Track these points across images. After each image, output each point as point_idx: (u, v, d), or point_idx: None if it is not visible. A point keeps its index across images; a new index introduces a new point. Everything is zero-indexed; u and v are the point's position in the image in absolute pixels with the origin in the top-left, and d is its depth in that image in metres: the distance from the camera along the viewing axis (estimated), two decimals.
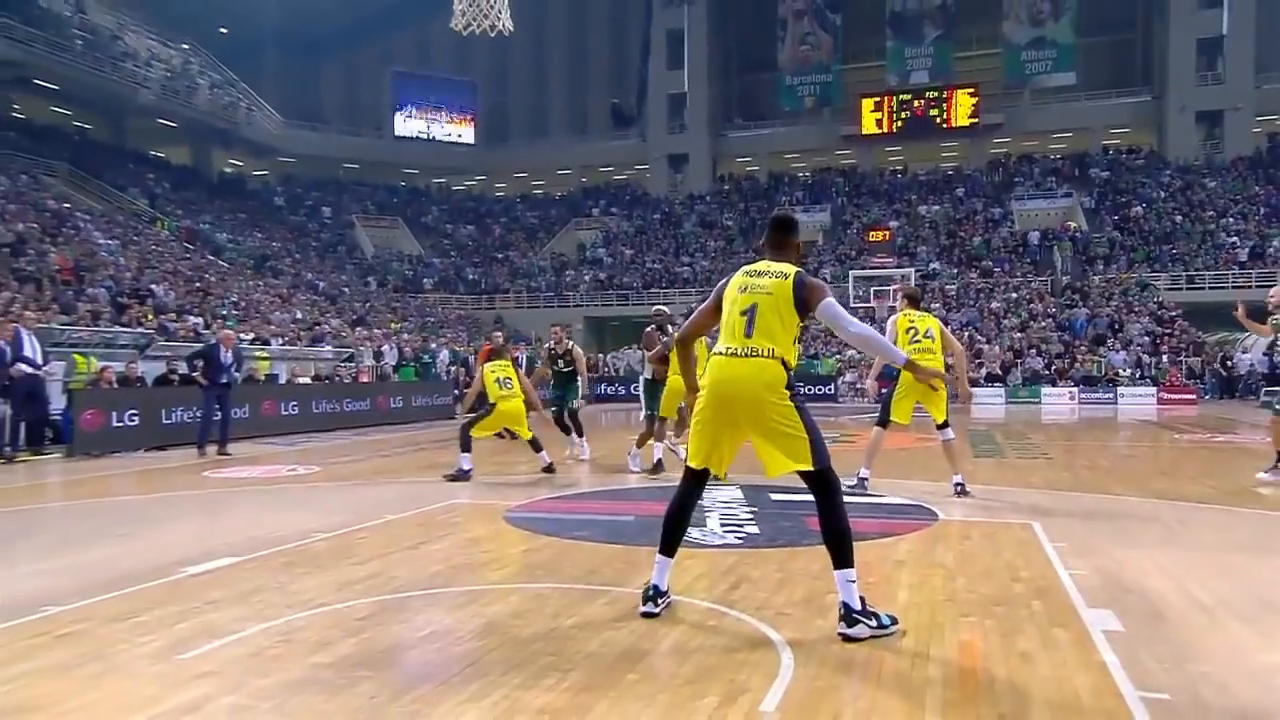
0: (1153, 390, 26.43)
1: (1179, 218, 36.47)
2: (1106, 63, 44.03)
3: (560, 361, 11.91)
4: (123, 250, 27.15)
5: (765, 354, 3.86)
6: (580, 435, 11.56)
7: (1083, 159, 42.33)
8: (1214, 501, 7.77)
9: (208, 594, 4.74)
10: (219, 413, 13.04)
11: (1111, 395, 26.44)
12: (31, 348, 12.39)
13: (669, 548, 4.18)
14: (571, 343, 12.23)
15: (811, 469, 3.86)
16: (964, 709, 3.07)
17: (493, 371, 9.93)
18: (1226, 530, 6.52)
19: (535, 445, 9.99)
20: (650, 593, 4.15)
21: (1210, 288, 32.29)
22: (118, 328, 20.39)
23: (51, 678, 3.47)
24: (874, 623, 3.77)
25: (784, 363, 3.89)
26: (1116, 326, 30.42)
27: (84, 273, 23.20)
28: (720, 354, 3.98)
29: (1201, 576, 4.94)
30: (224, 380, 13.01)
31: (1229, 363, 27.73)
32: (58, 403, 13.76)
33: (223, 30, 44.82)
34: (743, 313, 3.95)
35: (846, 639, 3.73)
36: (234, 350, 13.46)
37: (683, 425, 8.81)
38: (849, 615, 3.76)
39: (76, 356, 15.43)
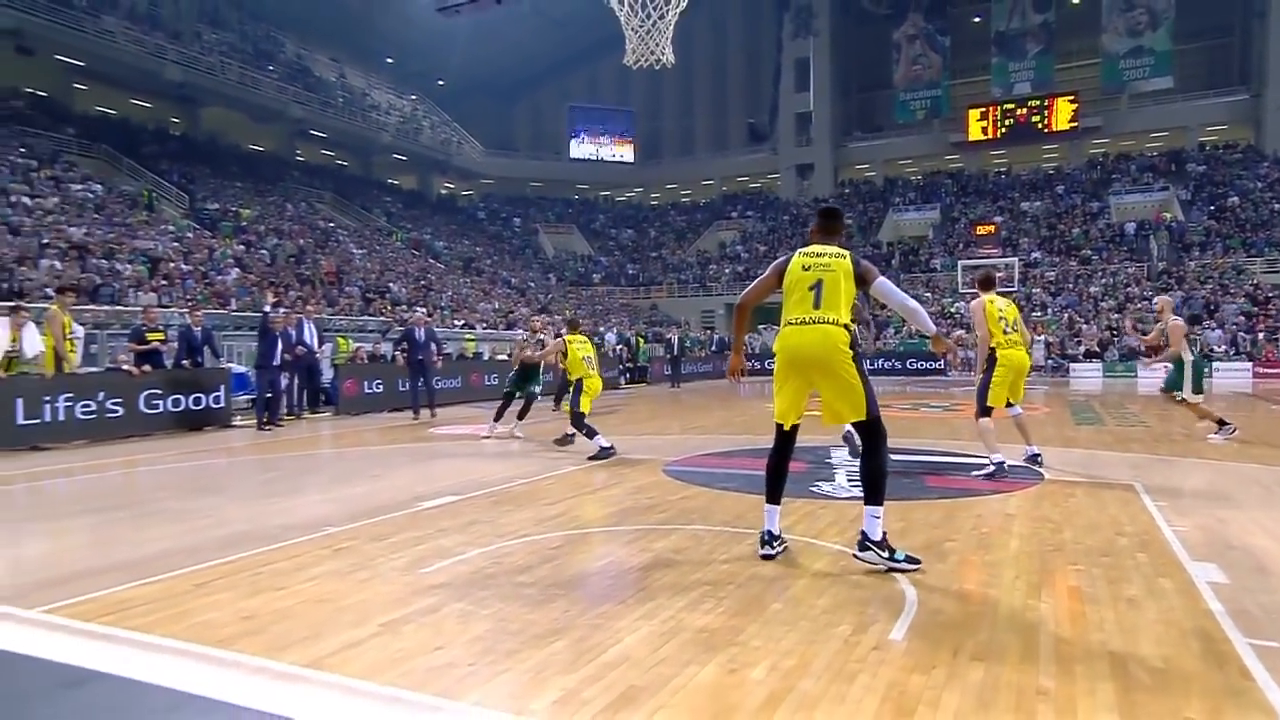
0: (1248, 365, 23.58)
1: (1277, 205, 32.09)
2: (1204, 65, 39.14)
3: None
4: (369, 257, 28.92)
5: (832, 321, 3.82)
6: (497, 420, 9.89)
7: (1179, 155, 37.82)
8: None
9: (438, 523, 4.97)
10: (424, 383, 12.95)
11: (1206, 370, 23.81)
12: (310, 333, 13.00)
13: (775, 496, 4.11)
14: (542, 337, 10.46)
15: (865, 419, 3.82)
16: (1075, 645, 2.87)
17: (579, 350, 8.69)
18: None
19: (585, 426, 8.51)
20: (765, 537, 4.07)
21: None
22: (366, 316, 21.86)
23: (335, 579, 3.78)
24: (885, 554, 3.73)
25: (846, 327, 3.83)
26: (1212, 307, 27.37)
27: (343, 275, 24.90)
28: (792, 324, 3.91)
29: None
30: (419, 357, 12.87)
31: None
32: (328, 374, 14.49)
33: (440, 82, 46.73)
34: (810, 288, 3.89)
35: (858, 559, 3.80)
36: (426, 330, 13.32)
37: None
38: (863, 542, 3.78)
39: (339, 339, 16.32)
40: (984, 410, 6.67)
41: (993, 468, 6.53)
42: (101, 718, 2.41)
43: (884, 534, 3.77)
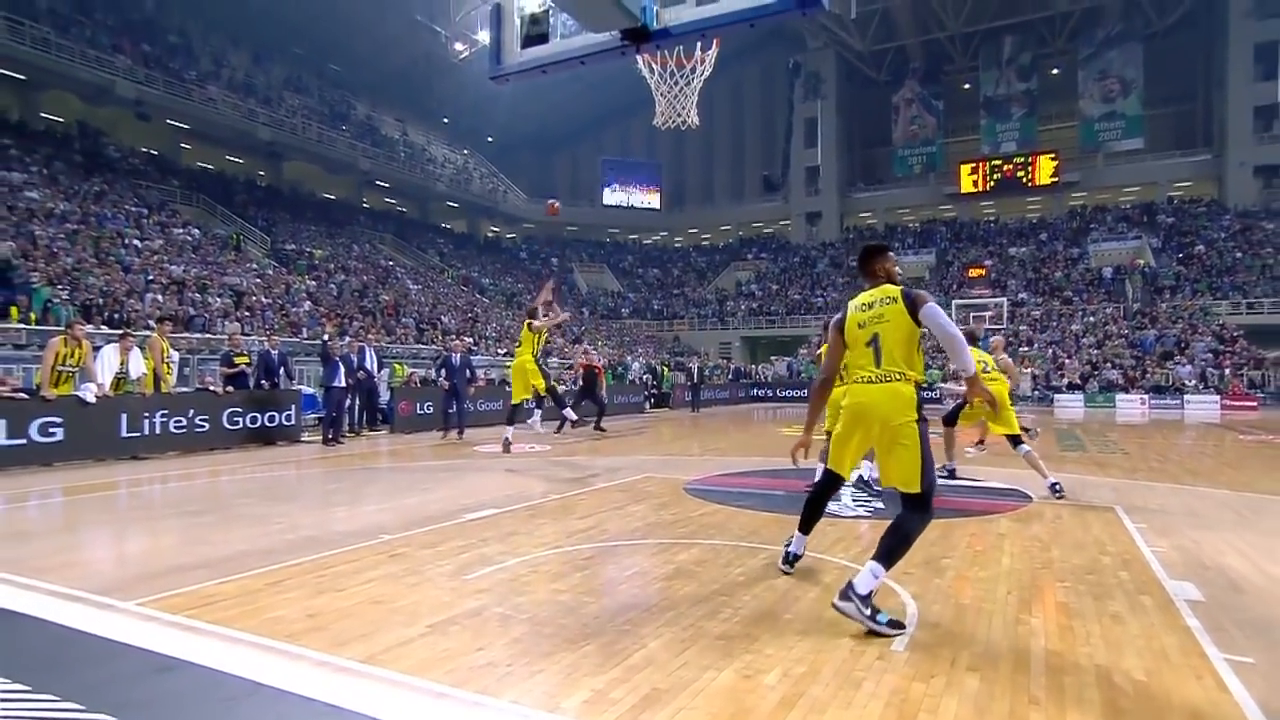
0: (1216, 398, 23.01)
1: (1239, 254, 31.70)
2: (1171, 129, 38.88)
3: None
4: (423, 292, 29.29)
5: (897, 377, 3.30)
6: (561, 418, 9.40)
7: (1150, 207, 37.47)
8: None
9: (481, 534, 4.94)
10: (455, 406, 12.75)
11: (1178, 402, 23.16)
12: (370, 359, 13.11)
13: (807, 527, 3.85)
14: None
15: (916, 491, 3.22)
16: (1064, 656, 2.80)
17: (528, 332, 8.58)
18: None
19: (511, 418, 8.50)
20: (789, 557, 3.92)
21: (1269, 312, 28.12)
22: (420, 345, 22.07)
23: (389, 582, 3.78)
24: (868, 611, 3.00)
25: (916, 385, 3.32)
26: (1183, 345, 26.83)
27: (400, 307, 25.23)
28: (859, 381, 3.43)
29: (1277, 558, 4.23)
30: (454, 380, 12.76)
31: None
32: (385, 396, 14.44)
33: (489, 139, 47.62)
34: (868, 344, 3.40)
35: (835, 607, 3.06)
36: (461, 357, 13.19)
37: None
38: (848, 592, 3.04)
39: (395, 365, 16.48)
40: (948, 420, 6.99)
41: (945, 473, 6.91)
42: (187, 702, 2.44)
43: (871, 593, 3.08)
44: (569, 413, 9.16)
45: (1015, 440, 6.45)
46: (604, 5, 3.93)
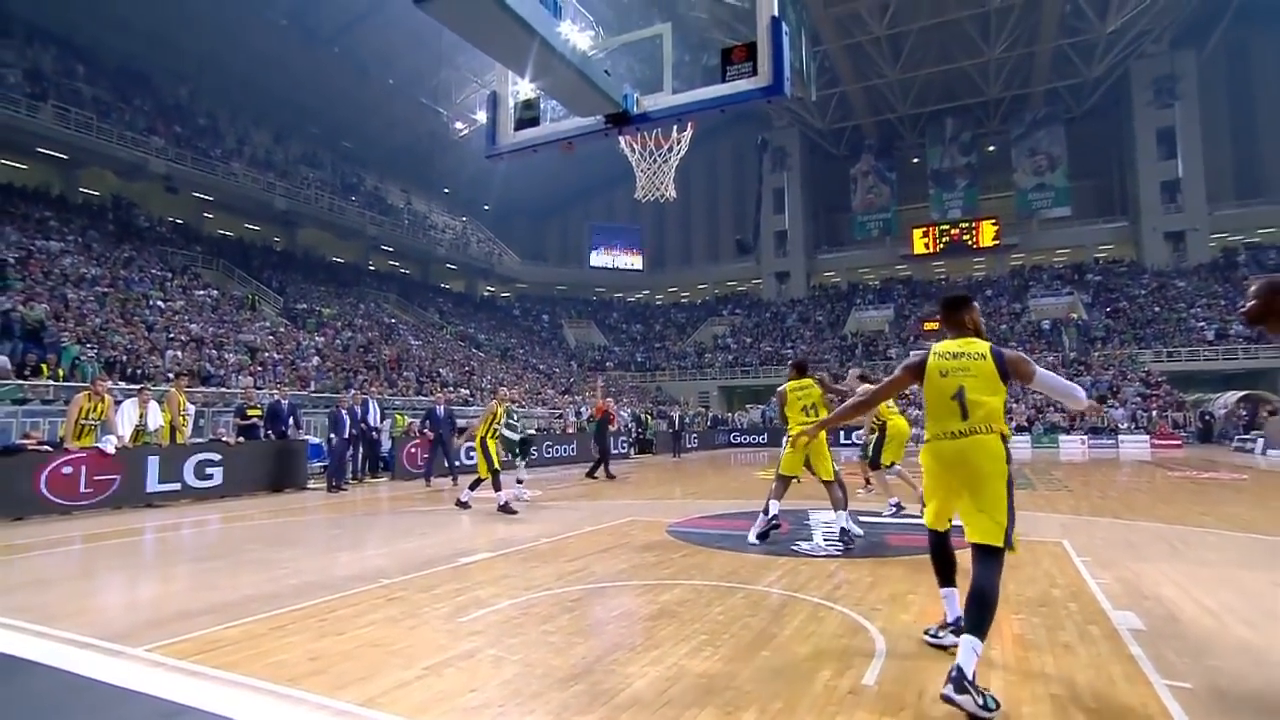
0: (1146, 438, 23.46)
1: (1157, 309, 32.94)
2: (1093, 199, 40.83)
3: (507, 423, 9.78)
4: (424, 347, 29.17)
5: (984, 430, 2.93)
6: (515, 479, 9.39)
7: (1080, 267, 39.01)
8: (1209, 526, 6.71)
9: (475, 577, 4.84)
10: (444, 454, 12.38)
11: (1114, 442, 23.54)
12: (374, 410, 12.94)
13: (947, 579, 3.25)
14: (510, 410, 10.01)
15: (999, 546, 2.89)
16: (1022, 688, 2.77)
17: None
18: (1221, 550, 5.57)
19: (474, 483, 8.79)
20: (952, 624, 3.18)
21: (1186, 360, 29.24)
22: (420, 397, 21.82)
23: (387, 626, 3.67)
24: (980, 700, 2.51)
25: (1002, 436, 2.97)
26: (1115, 389, 27.37)
27: (402, 362, 25.07)
28: (941, 437, 3.00)
29: (1207, 587, 4.27)
30: (439, 430, 12.42)
31: (1207, 416, 24.47)
32: (387, 445, 14.10)
33: (486, 207, 48.26)
34: (952, 397, 2.96)
35: (951, 699, 2.53)
36: (445, 409, 12.89)
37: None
38: (960, 681, 2.54)
39: (397, 416, 16.23)
40: (876, 465, 7.54)
41: (893, 509, 7.36)
42: None
43: (975, 674, 2.60)
44: (501, 496, 8.61)
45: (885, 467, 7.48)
46: (590, 93, 4.08)
